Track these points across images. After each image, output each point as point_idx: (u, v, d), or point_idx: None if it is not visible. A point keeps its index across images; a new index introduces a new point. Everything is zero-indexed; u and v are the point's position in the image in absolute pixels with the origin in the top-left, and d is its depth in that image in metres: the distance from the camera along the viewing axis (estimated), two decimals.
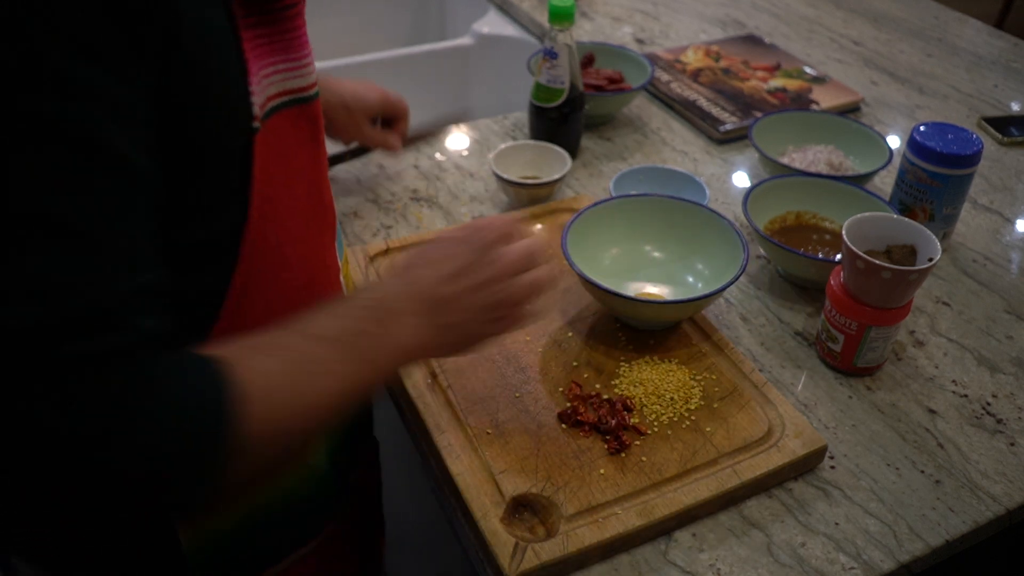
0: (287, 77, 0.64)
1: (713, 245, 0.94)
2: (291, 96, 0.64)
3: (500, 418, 0.80)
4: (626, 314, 0.89)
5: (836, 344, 0.88)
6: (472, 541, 0.73)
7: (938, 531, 0.75)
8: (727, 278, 0.87)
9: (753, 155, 1.25)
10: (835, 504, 0.76)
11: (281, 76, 0.63)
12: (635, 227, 0.97)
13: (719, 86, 1.39)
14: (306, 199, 0.68)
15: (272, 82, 0.62)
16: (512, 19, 1.66)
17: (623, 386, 0.83)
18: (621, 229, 0.97)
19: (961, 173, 1.01)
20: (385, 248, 0.99)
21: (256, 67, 0.60)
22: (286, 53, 0.63)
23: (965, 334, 0.95)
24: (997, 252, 1.08)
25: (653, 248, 0.98)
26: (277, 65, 0.62)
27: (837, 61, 1.52)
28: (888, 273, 0.81)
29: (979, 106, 1.40)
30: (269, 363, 0.57)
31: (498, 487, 0.73)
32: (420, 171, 1.18)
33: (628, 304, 0.87)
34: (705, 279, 0.94)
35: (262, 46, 0.61)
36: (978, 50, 1.59)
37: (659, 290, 0.95)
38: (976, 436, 0.83)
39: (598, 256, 0.95)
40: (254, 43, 0.60)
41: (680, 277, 0.96)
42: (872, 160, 1.15)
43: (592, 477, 0.74)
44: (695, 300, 0.85)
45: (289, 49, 0.63)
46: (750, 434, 0.79)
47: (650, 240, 0.98)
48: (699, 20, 1.66)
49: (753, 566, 0.71)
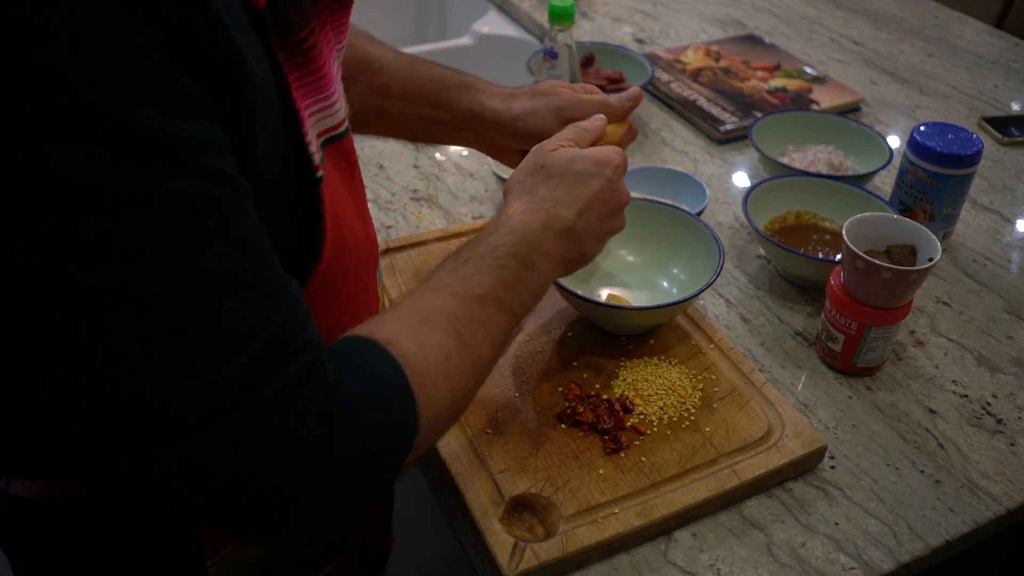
0: (322, 117, 0.61)
1: (690, 250, 0.93)
2: (328, 135, 0.63)
3: (499, 418, 0.80)
4: (597, 319, 0.89)
5: (836, 344, 0.87)
6: (471, 541, 0.72)
7: (938, 531, 0.74)
8: (703, 283, 0.87)
9: (753, 155, 1.24)
10: (835, 504, 0.76)
11: (318, 117, 0.61)
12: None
13: (719, 86, 1.39)
14: (359, 234, 0.67)
15: (312, 125, 0.60)
16: (512, 19, 1.66)
17: (622, 386, 0.83)
18: None
19: (961, 173, 1.01)
20: (385, 248, 0.99)
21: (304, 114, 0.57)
22: (318, 93, 0.61)
23: (965, 334, 0.95)
24: (997, 252, 1.08)
25: (628, 252, 0.97)
26: (313, 107, 0.60)
27: (837, 61, 1.52)
28: (888, 273, 0.81)
29: (979, 106, 1.40)
30: (440, 339, 0.58)
31: (497, 487, 0.73)
32: (420, 171, 1.18)
33: (597, 309, 0.86)
34: (681, 284, 0.94)
35: (303, 88, 0.58)
36: (978, 50, 1.58)
37: (633, 295, 0.94)
38: (976, 436, 0.83)
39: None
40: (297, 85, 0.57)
41: (655, 282, 0.95)
42: (872, 160, 1.15)
43: (591, 477, 0.74)
44: (663, 307, 0.84)
45: (320, 89, 0.61)
46: (750, 434, 0.79)
47: (626, 244, 0.96)
48: (699, 20, 1.66)
49: (753, 566, 0.71)
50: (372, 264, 0.72)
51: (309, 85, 0.59)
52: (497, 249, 0.65)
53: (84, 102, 0.40)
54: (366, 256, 0.70)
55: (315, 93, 0.60)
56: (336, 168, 0.64)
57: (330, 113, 0.62)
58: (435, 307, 0.60)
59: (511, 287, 0.64)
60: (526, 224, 0.68)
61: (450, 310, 0.60)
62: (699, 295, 0.85)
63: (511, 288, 0.64)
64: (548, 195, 0.70)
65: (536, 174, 0.71)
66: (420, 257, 0.98)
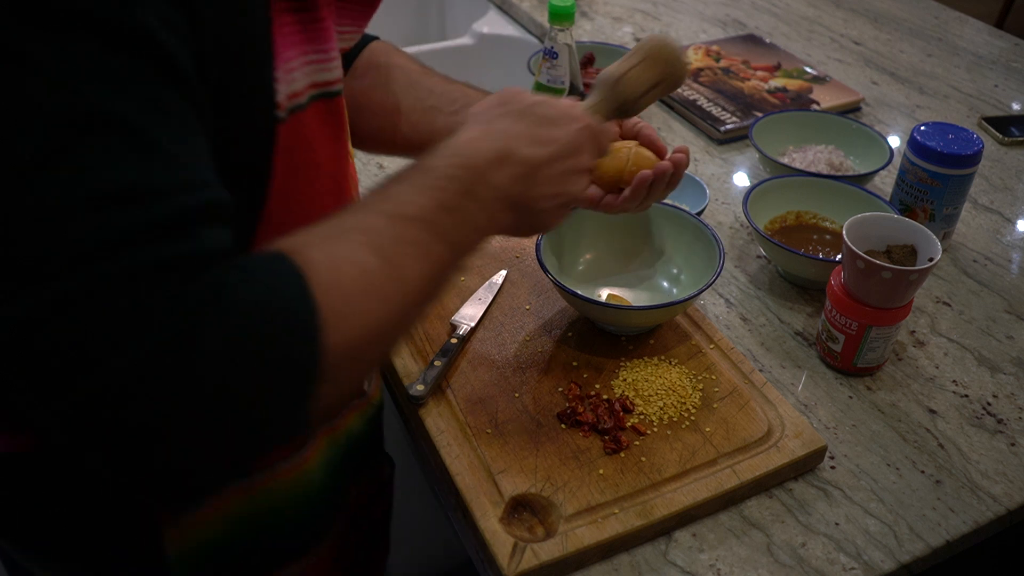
0: (317, 69, 0.60)
1: (690, 250, 0.94)
2: (320, 89, 0.61)
3: (499, 418, 0.79)
4: (597, 319, 0.89)
5: (836, 344, 0.87)
6: (471, 541, 0.72)
7: (938, 531, 0.74)
8: (703, 283, 0.87)
9: (753, 155, 1.24)
10: (835, 504, 0.76)
11: (312, 68, 0.59)
12: (612, 231, 0.96)
13: (719, 86, 1.39)
14: (328, 198, 0.64)
15: (305, 73, 0.58)
16: (512, 19, 1.66)
17: (622, 386, 0.83)
18: (597, 233, 0.96)
19: (961, 173, 1.01)
20: None
21: (286, 55, 0.56)
22: (317, 43, 0.59)
23: (965, 334, 0.95)
24: (997, 252, 1.08)
25: (628, 252, 0.97)
26: (309, 55, 0.58)
27: (837, 61, 1.52)
28: (888, 273, 0.81)
29: (979, 106, 1.40)
30: (357, 252, 0.51)
31: (497, 487, 0.73)
32: None
33: (597, 309, 0.86)
34: (681, 284, 0.94)
35: (296, 33, 0.57)
36: (978, 50, 1.58)
37: (634, 295, 0.94)
38: (976, 436, 0.83)
39: (574, 260, 0.95)
40: (289, 29, 0.56)
41: (655, 282, 0.95)
42: (872, 160, 1.15)
43: (591, 477, 0.74)
44: (663, 307, 0.84)
45: (319, 39, 0.59)
46: (750, 434, 0.79)
47: (626, 244, 0.96)
48: (699, 20, 1.66)
49: (753, 566, 0.71)
50: None
51: (309, 31, 0.58)
52: (435, 170, 0.58)
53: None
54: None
55: (313, 42, 0.59)
56: (322, 125, 0.62)
57: (327, 68, 0.61)
58: (355, 223, 0.53)
59: (448, 213, 0.56)
60: (475, 149, 0.61)
61: (373, 226, 0.53)
62: (699, 295, 0.85)
63: (448, 214, 0.56)
64: (506, 128, 0.63)
65: (498, 107, 0.66)
66: None
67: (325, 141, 0.63)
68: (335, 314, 0.48)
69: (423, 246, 0.54)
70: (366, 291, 0.50)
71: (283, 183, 0.58)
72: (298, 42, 0.58)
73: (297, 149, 0.59)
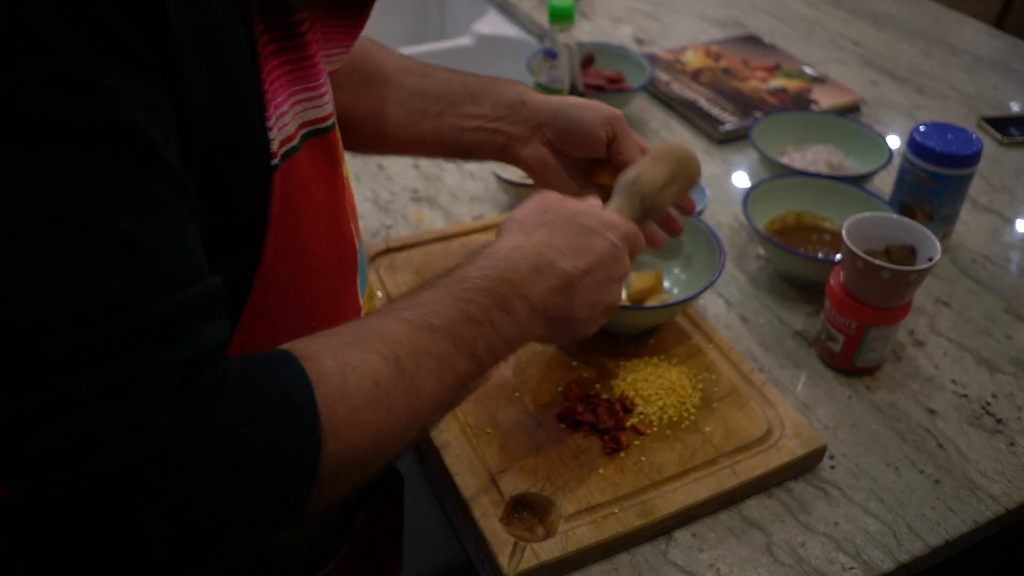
0: (308, 107, 0.59)
1: (690, 250, 0.93)
2: (312, 127, 0.60)
3: (499, 417, 0.80)
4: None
5: (836, 344, 0.88)
6: (471, 541, 0.73)
7: (938, 531, 0.75)
8: (703, 283, 0.86)
9: (753, 155, 1.25)
10: (835, 504, 0.76)
11: (302, 107, 0.58)
12: None
13: (719, 86, 1.39)
14: (325, 235, 0.62)
15: (295, 113, 0.57)
16: (512, 19, 1.66)
17: (622, 386, 0.83)
18: None
19: (961, 173, 1.01)
20: (385, 248, 0.99)
21: (276, 102, 0.55)
22: (306, 82, 0.58)
23: (965, 334, 0.95)
24: (997, 252, 1.08)
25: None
26: (299, 95, 0.57)
27: (837, 61, 1.52)
28: (888, 273, 0.81)
29: (979, 106, 1.40)
30: (371, 361, 0.50)
31: (497, 486, 0.73)
32: (420, 171, 1.18)
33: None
34: (681, 284, 0.94)
35: (285, 75, 0.56)
36: (978, 50, 1.59)
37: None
38: (976, 436, 0.83)
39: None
40: (277, 73, 0.55)
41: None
42: (872, 160, 1.15)
43: (591, 477, 0.74)
44: (663, 307, 0.84)
45: (308, 77, 0.58)
46: (749, 434, 0.79)
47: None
48: (699, 20, 1.66)
49: (753, 566, 0.71)
50: (348, 268, 0.67)
51: (298, 72, 0.57)
52: (468, 280, 0.59)
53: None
54: (337, 258, 0.64)
55: (303, 81, 0.58)
56: (316, 163, 0.61)
57: (318, 104, 0.60)
58: (375, 329, 0.53)
59: (476, 326, 0.56)
60: (513, 263, 0.61)
61: (392, 333, 0.53)
62: (699, 295, 0.85)
63: (476, 327, 0.56)
64: (546, 240, 0.64)
65: (538, 214, 0.66)
66: (420, 257, 0.98)
67: (320, 178, 0.62)
68: (338, 424, 0.49)
69: (444, 358, 0.54)
70: (374, 403, 0.51)
71: (280, 226, 0.57)
72: (287, 83, 0.56)
73: (293, 192, 0.57)
